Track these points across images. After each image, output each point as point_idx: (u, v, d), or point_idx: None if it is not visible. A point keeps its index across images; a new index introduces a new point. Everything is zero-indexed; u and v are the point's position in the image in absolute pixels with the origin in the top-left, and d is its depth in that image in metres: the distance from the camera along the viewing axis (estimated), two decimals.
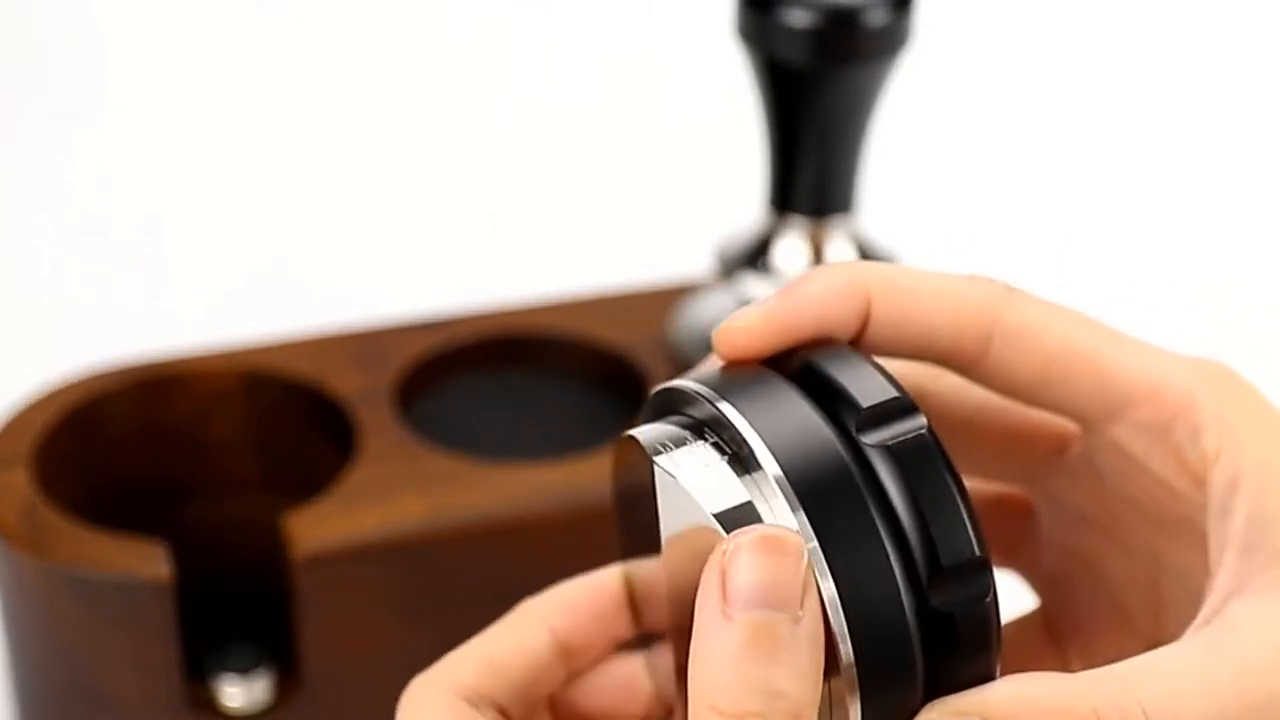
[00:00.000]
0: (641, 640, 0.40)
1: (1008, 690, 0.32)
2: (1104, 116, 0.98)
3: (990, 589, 0.32)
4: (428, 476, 0.58)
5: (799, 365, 0.35)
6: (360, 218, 0.89)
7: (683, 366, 0.63)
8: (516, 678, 0.39)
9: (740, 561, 0.31)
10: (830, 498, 0.32)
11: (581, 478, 0.58)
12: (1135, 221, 0.91)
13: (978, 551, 0.32)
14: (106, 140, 0.93)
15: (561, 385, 0.65)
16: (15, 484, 0.57)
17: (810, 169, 0.61)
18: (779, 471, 0.32)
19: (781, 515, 0.32)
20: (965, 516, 0.32)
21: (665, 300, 0.66)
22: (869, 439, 0.33)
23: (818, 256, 0.62)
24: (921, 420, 0.33)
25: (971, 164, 0.94)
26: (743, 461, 0.33)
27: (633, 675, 0.40)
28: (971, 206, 0.91)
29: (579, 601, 0.40)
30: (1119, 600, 0.40)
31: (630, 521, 0.38)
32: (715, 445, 0.33)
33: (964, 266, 0.84)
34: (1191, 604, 0.36)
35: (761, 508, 0.32)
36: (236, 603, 0.62)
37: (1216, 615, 0.35)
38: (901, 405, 0.33)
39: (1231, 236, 0.90)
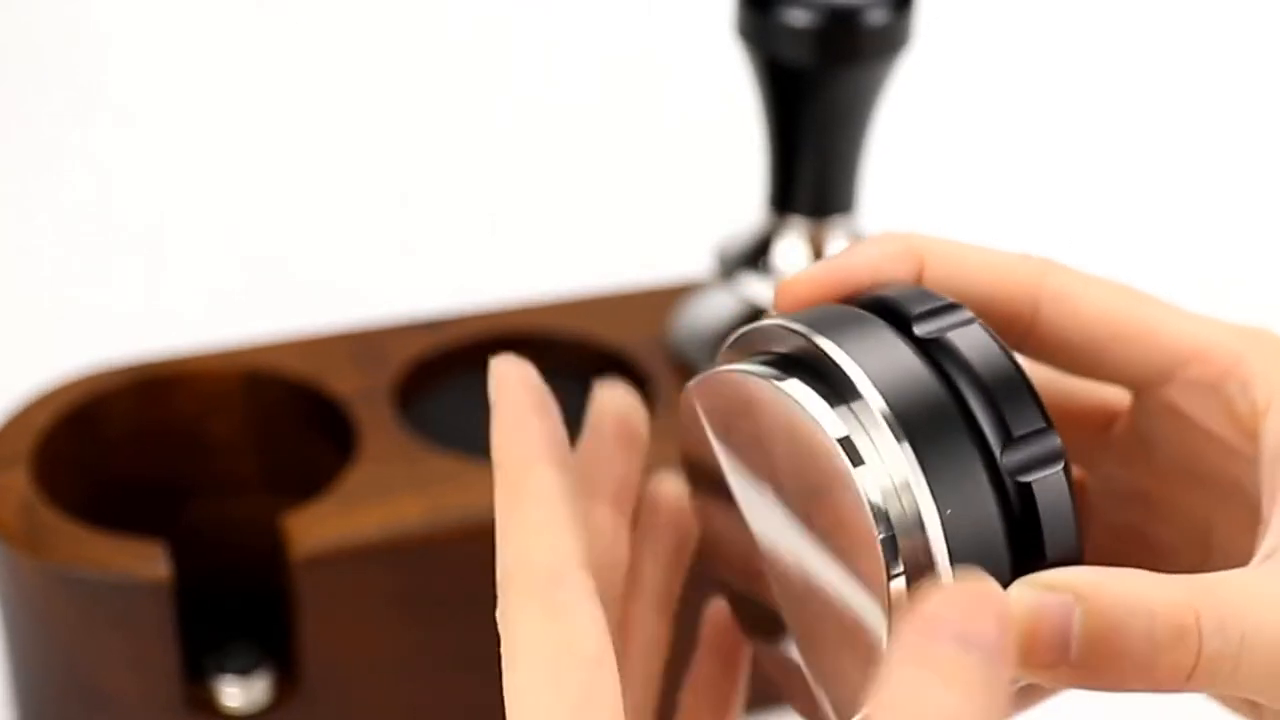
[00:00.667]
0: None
1: (1102, 575, 0.33)
2: (1104, 116, 0.98)
3: (1061, 454, 0.34)
4: (427, 476, 0.58)
5: (866, 299, 0.36)
6: (360, 218, 0.89)
7: (683, 366, 0.63)
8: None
9: (952, 606, 0.30)
10: (926, 424, 0.33)
11: None
12: (1136, 221, 0.91)
13: (1043, 422, 0.34)
14: (106, 140, 0.93)
15: (561, 385, 0.65)
16: (14, 484, 0.57)
17: (810, 169, 0.61)
18: (883, 404, 0.33)
19: (886, 446, 0.33)
20: (1027, 392, 0.34)
21: (665, 300, 0.66)
22: (922, 331, 0.35)
23: (818, 257, 0.62)
24: (969, 314, 0.35)
25: (972, 164, 0.94)
26: (840, 394, 0.34)
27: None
28: (971, 206, 0.91)
29: (615, 464, 0.40)
30: (1168, 573, 0.40)
31: (702, 470, 0.39)
32: (806, 380, 0.35)
33: None
34: None
35: (861, 440, 0.33)
36: (236, 603, 0.62)
37: (1276, 552, 0.35)
38: (951, 305, 0.35)
39: (1233, 236, 0.90)
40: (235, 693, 0.57)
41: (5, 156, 0.92)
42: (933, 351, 0.35)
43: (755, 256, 0.63)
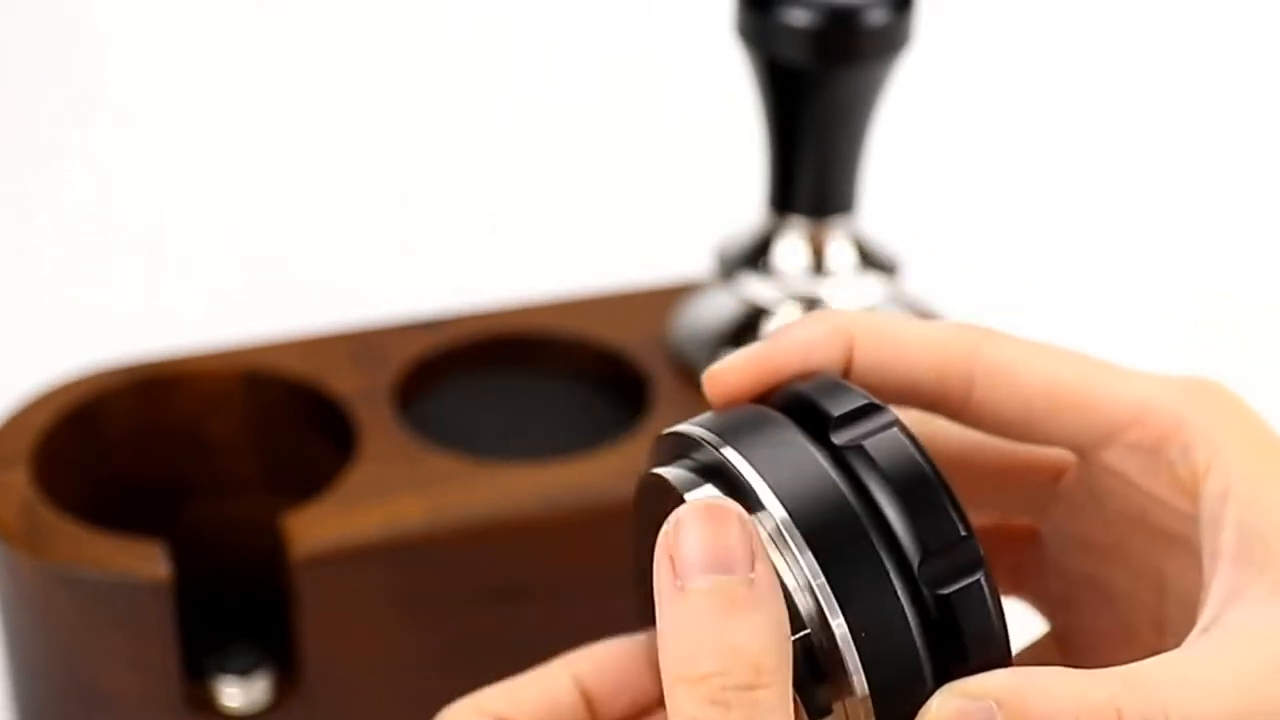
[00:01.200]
0: None
1: (1023, 678, 0.33)
2: (1104, 117, 0.98)
3: (980, 563, 0.33)
4: (427, 476, 0.58)
5: (787, 396, 0.36)
6: (360, 217, 0.89)
7: (683, 366, 0.63)
8: (536, 713, 0.39)
9: (684, 534, 0.32)
10: (833, 533, 0.33)
11: (581, 478, 0.58)
12: (1134, 225, 0.91)
13: (962, 531, 0.33)
14: (106, 140, 0.93)
15: (561, 385, 0.65)
16: (14, 483, 0.57)
17: (810, 169, 0.61)
18: (785, 515, 0.33)
19: (790, 555, 0.33)
20: (946, 500, 0.34)
21: (665, 300, 0.66)
22: (840, 439, 0.34)
23: (818, 257, 0.62)
24: (890, 415, 0.35)
25: (972, 164, 0.94)
26: (748, 504, 0.34)
27: None
28: (972, 207, 0.91)
29: (607, 655, 0.40)
30: (1125, 618, 0.40)
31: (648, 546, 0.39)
32: (720, 488, 0.35)
33: (964, 267, 0.84)
34: (1191, 619, 0.37)
35: (769, 548, 0.33)
36: (236, 603, 0.62)
37: (1215, 623, 0.35)
38: (871, 406, 0.35)
39: (1231, 240, 0.90)
40: (235, 693, 0.57)
41: (5, 156, 0.92)
42: (849, 460, 0.34)
43: (755, 256, 0.62)
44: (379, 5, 1.03)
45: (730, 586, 0.31)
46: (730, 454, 0.34)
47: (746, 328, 0.63)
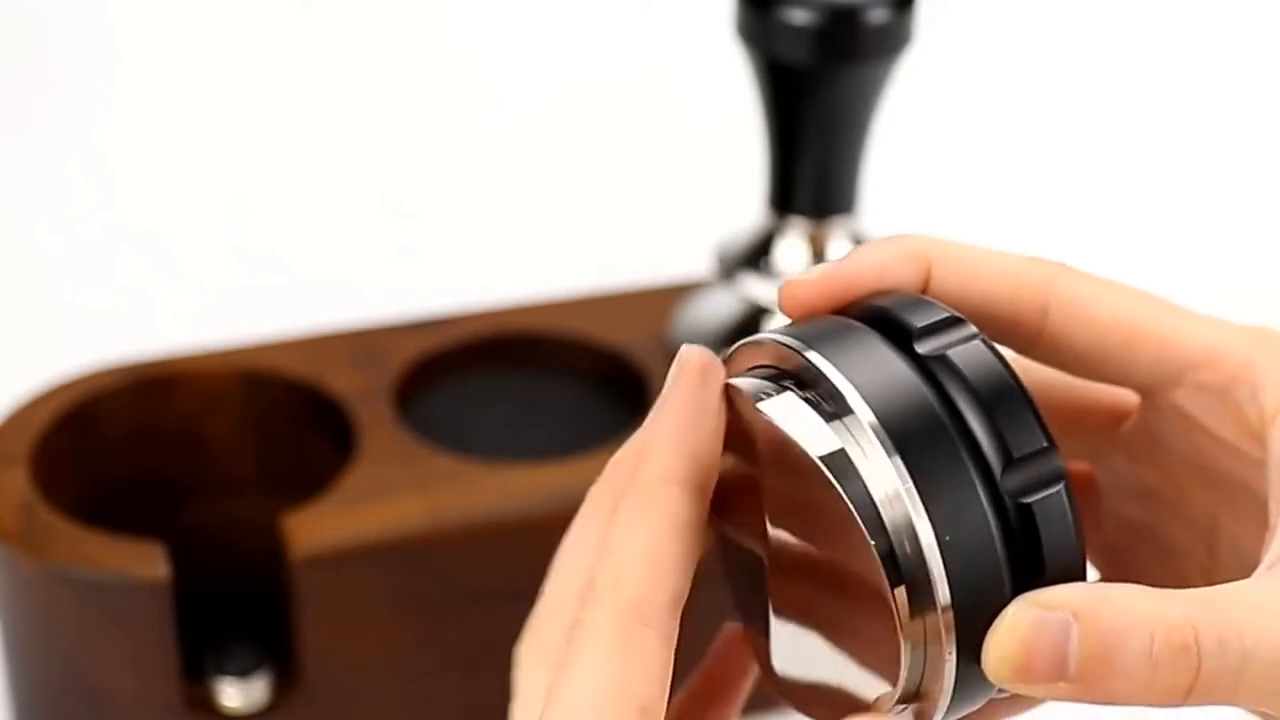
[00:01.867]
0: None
1: (1100, 592, 0.33)
2: (1106, 116, 0.98)
3: (1061, 475, 0.34)
4: (427, 476, 0.58)
5: (867, 309, 0.36)
6: (360, 217, 0.89)
7: None
8: (687, 567, 0.36)
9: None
10: (919, 438, 0.33)
11: (581, 478, 0.57)
12: (1139, 223, 0.91)
13: (1045, 443, 0.34)
14: (106, 140, 0.93)
15: (561, 385, 0.65)
16: (13, 483, 0.57)
17: (810, 169, 0.61)
18: (873, 418, 0.33)
19: (876, 460, 0.33)
20: (1030, 412, 0.34)
21: (665, 300, 0.66)
22: (924, 349, 0.34)
23: (818, 257, 0.62)
24: (973, 329, 0.35)
25: (972, 164, 0.94)
26: (834, 408, 0.34)
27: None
28: (972, 207, 0.91)
29: (690, 436, 0.36)
30: (1176, 569, 0.41)
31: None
32: (802, 395, 0.34)
33: None
34: (1244, 572, 0.37)
35: (855, 453, 0.33)
36: (235, 603, 0.61)
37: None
38: (954, 319, 0.35)
39: (1237, 235, 0.90)
40: (235, 693, 0.57)
41: (5, 156, 0.92)
42: (933, 369, 0.34)
43: (755, 256, 0.62)
44: (379, 5, 1.03)
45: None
46: (815, 358, 0.34)
47: (746, 328, 0.63)
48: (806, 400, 0.34)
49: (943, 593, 0.33)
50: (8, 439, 0.58)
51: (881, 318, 0.36)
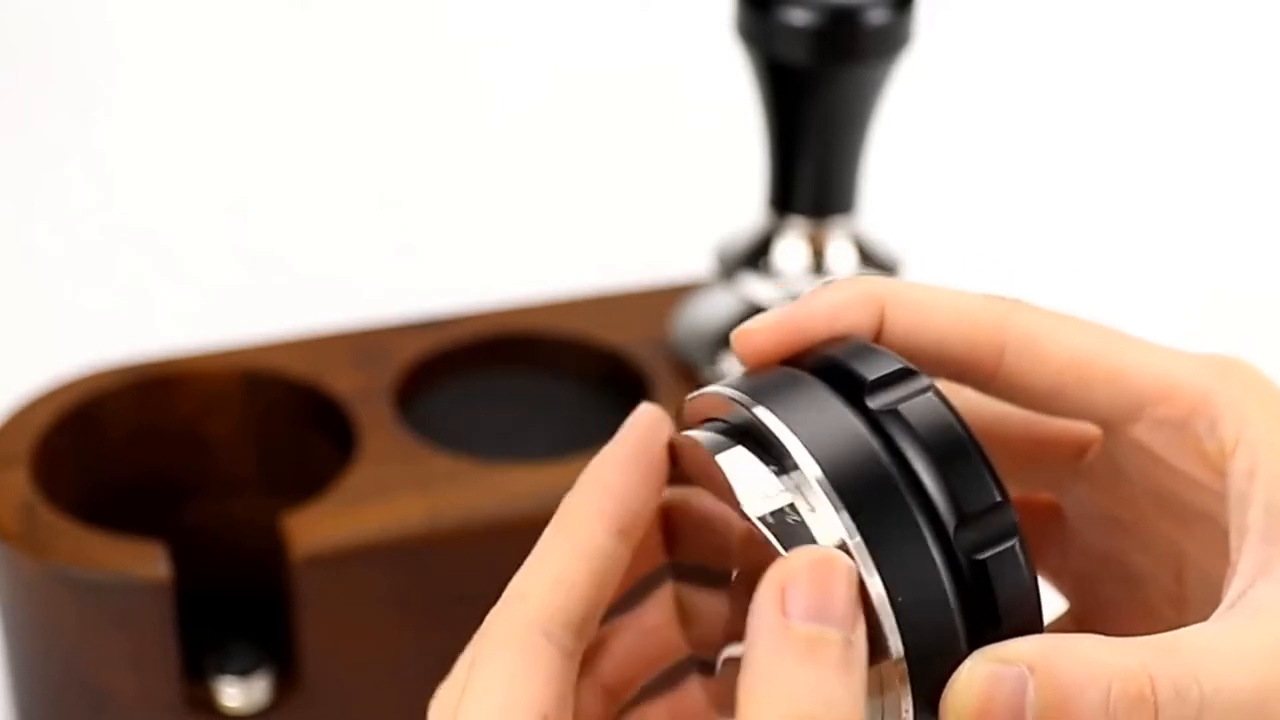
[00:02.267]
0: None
1: (1056, 644, 0.33)
2: (1106, 117, 0.98)
3: (1015, 530, 0.33)
4: (427, 476, 0.58)
5: (819, 360, 0.36)
6: (360, 217, 0.89)
7: (683, 366, 0.63)
8: (591, 599, 0.37)
9: (800, 580, 0.32)
10: (868, 493, 0.33)
11: None
12: (1137, 223, 0.91)
13: (998, 496, 0.33)
14: (106, 140, 0.93)
15: (561, 385, 0.65)
16: (14, 484, 0.57)
17: (810, 169, 0.61)
18: (819, 473, 0.33)
19: (825, 515, 0.33)
20: (982, 465, 0.34)
21: (665, 300, 0.66)
22: (875, 403, 0.34)
23: (818, 257, 0.62)
24: (925, 381, 0.34)
25: (972, 164, 0.94)
26: (781, 463, 0.34)
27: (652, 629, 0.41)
28: (972, 207, 0.91)
29: (625, 475, 0.38)
30: (1144, 596, 0.41)
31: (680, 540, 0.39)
32: (752, 449, 0.34)
33: (963, 266, 0.84)
34: (1212, 598, 0.37)
35: (803, 507, 0.33)
36: (236, 603, 0.61)
37: (1242, 598, 0.35)
38: (906, 371, 0.34)
39: (1232, 239, 0.90)
40: (235, 693, 0.57)
41: (5, 156, 0.92)
42: (884, 424, 0.34)
43: (755, 256, 0.62)
44: (379, 5, 1.03)
45: (836, 641, 0.32)
46: (762, 413, 0.34)
47: None
48: (757, 455, 0.34)
49: (895, 644, 0.33)
50: (8, 439, 0.58)
51: (833, 369, 0.35)
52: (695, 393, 0.37)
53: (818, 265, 0.62)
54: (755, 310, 0.63)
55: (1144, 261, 0.87)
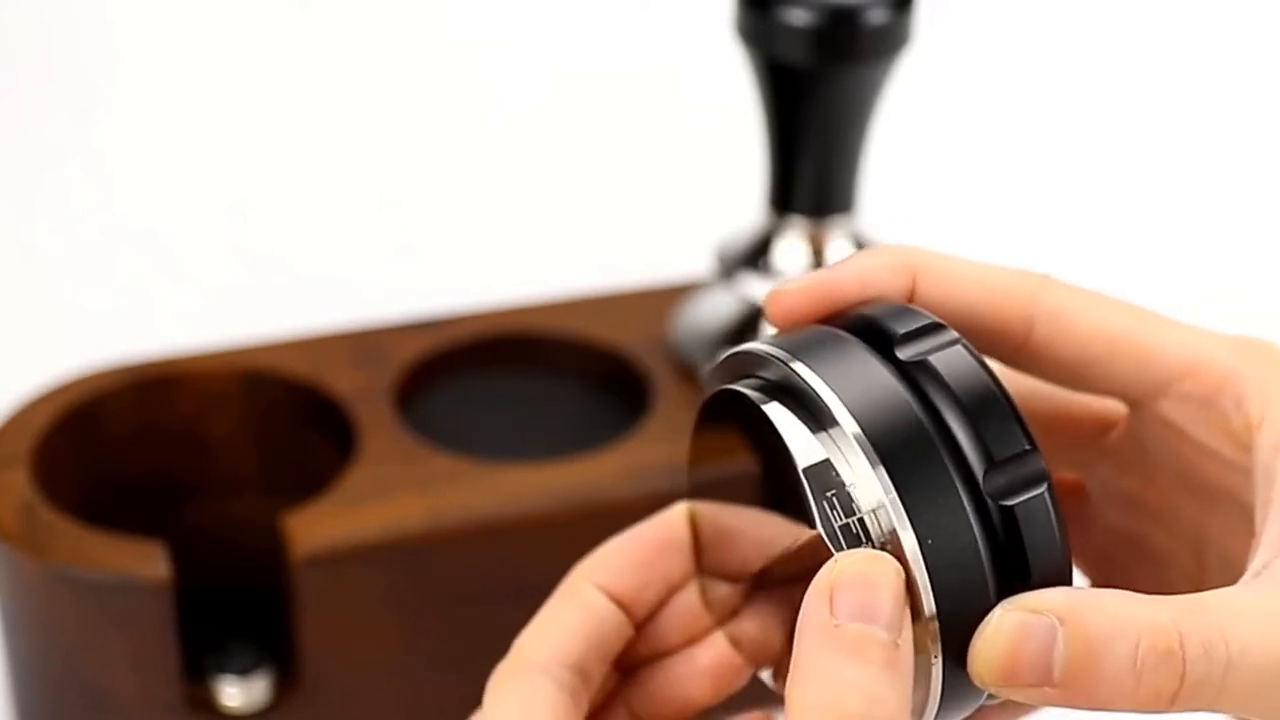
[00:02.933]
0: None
1: (1085, 597, 0.33)
2: (1105, 117, 0.98)
3: (1045, 477, 0.34)
4: (427, 476, 0.58)
5: (851, 318, 0.36)
6: (360, 217, 0.89)
7: (683, 366, 0.63)
8: (588, 641, 0.40)
9: (850, 579, 0.32)
10: (902, 447, 0.33)
11: (581, 478, 0.58)
12: (1135, 224, 0.91)
13: (1027, 445, 0.34)
14: (106, 140, 0.93)
15: (561, 385, 0.65)
16: (14, 483, 0.57)
17: (810, 169, 0.61)
18: (857, 429, 0.33)
19: (861, 471, 0.33)
20: (1011, 414, 0.34)
21: (665, 300, 0.66)
22: (905, 354, 0.34)
23: (818, 257, 0.62)
24: (954, 334, 0.35)
25: (972, 164, 0.94)
26: (819, 419, 0.34)
27: (688, 614, 0.41)
28: (972, 207, 0.91)
29: (621, 555, 0.40)
30: (1165, 577, 0.41)
31: (706, 468, 0.39)
32: (789, 405, 0.35)
33: None
34: (1231, 579, 0.37)
35: (839, 463, 0.33)
36: (236, 603, 0.61)
37: (1267, 568, 0.35)
38: (935, 325, 0.35)
39: (1232, 240, 0.90)
40: (235, 692, 0.57)
41: (5, 156, 0.92)
42: (915, 375, 0.34)
43: (755, 256, 0.62)
44: (379, 5, 1.03)
45: (884, 642, 0.32)
46: (800, 368, 0.34)
47: (746, 328, 0.63)
48: (793, 411, 0.34)
49: (928, 602, 0.33)
50: (8, 439, 0.58)
51: (865, 325, 0.36)
52: (732, 349, 0.37)
53: (818, 265, 0.62)
54: (755, 310, 0.63)
55: (1144, 261, 0.87)
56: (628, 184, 0.91)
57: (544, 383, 0.65)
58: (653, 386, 0.62)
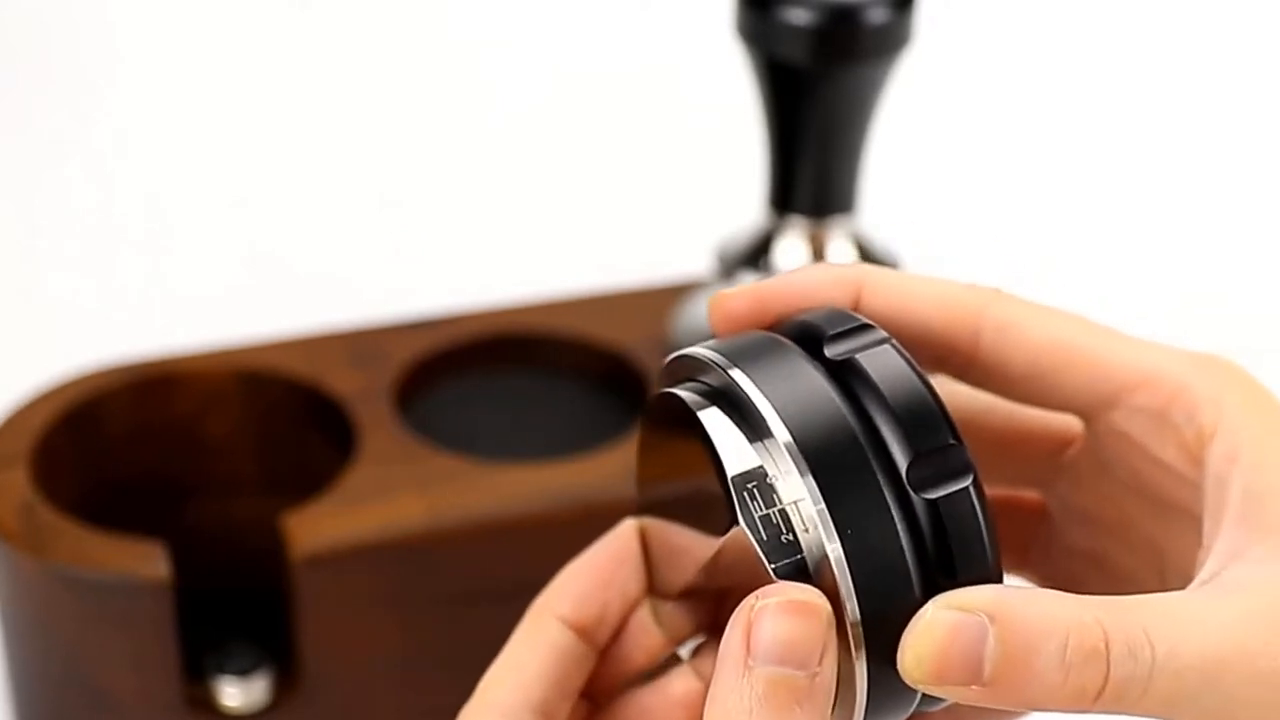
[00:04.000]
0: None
1: (1013, 594, 0.33)
2: (1104, 117, 0.98)
3: (969, 470, 0.34)
4: (427, 476, 0.58)
5: (789, 323, 0.37)
6: (359, 217, 0.89)
7: None
8: (550, 680, 0.40)
9: (766, 620, 0.33)
10: (831, 452, 0.34)
11: (581, 477, 0.58)
12: (1135, 225, 0.91)
13: (951, 439, 0.34)
14: (106, 140, 0.93)
15: (561, 385, 0.65)
16: (13, 483, 0.57)
17: (810, 169, 0.61)
18: (789, 438, 0.34)
19: (790, 480, 0.34)
20: (936, 409, 0.34)
21: (665, 300, 0.66)
22: (832, 352, 0.35)
23: (818, 256, 0.62)
24: (882, 334, 0.35)
25: (971, 164, 0.94)
26: (751, 425, 0.34)
27: (648, 633, 0.41)
28: (971, 207, 0.91)
29: (578, 585, 0.41)
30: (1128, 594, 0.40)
31: (652, 471, 0.40)
32: (727, 411, 0.35)
33: (963, 266, 0.84)
34: None
35: (772, 470, 0.34)
36: (236, 603, 0.61)
37: (1214, 578, 0.35)
38: (864, 325, 0.35)
39: (1231, 241, 0.90)
40: (235, 692, 0.57)
41: (5, 156, 0.92)
42: (842, 374, 0.35)
43: (755, 256, 0.62)
44: (379, 5, 1.03)
45: (798, 684, 0.32)
46: (738, 375, 0.35)
47: None
48: (730, 418, 0.35)
49: (852, 608, 0.33)
50: (8, 439, 0.58)
51: (798, 328, 0.36)
52: (675, 353, 0.37)
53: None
54: None
55: (1144, 261, 0.87)
56: (628, 184, 0.91)
57: (544, 383, 0.65)
58: (653, 386, 0.62)
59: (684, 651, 0.41)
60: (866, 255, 0.63)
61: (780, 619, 0.32)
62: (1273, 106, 0.99)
